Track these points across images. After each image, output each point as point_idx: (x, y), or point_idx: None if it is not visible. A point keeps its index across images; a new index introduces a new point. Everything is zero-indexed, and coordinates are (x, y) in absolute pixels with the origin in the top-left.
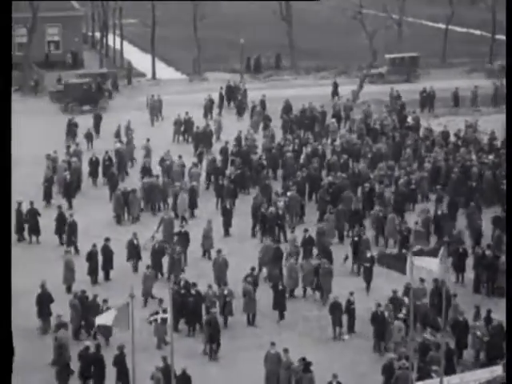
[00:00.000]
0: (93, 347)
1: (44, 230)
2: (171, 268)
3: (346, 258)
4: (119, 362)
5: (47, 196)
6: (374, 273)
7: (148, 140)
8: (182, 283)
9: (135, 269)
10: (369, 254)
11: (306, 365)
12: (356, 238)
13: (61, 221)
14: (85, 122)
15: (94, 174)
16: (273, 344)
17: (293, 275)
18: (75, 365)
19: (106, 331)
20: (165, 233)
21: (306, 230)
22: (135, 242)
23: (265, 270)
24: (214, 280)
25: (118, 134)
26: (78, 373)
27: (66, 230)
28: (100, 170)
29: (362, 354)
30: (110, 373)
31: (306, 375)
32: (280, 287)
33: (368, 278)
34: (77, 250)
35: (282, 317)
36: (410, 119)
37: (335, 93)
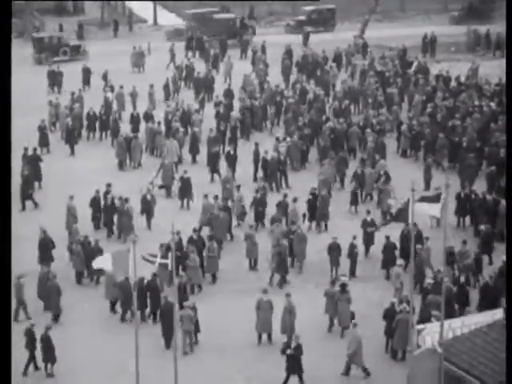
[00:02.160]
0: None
1: (45, 176)
2: (120, 225)
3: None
4: (180, 288)
5: (43, 143)
6: None
7: (152, 86)
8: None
9: (148, 225)
10: (369, 218)
11: (342, 286)
12: (310, 196)
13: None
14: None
15: (91, 127)
16: (265, 291)
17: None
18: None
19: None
20: (164, 178)
21: (257, 191)
22: (148, 197)
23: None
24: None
25: (166, 87)
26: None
27: (21, 184)
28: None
29: (364, 297)
30: None
31: (343, 295)
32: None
33: (368, 243)
34: (35, 204)
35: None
36: (414, 65)
37: (305, 42)
